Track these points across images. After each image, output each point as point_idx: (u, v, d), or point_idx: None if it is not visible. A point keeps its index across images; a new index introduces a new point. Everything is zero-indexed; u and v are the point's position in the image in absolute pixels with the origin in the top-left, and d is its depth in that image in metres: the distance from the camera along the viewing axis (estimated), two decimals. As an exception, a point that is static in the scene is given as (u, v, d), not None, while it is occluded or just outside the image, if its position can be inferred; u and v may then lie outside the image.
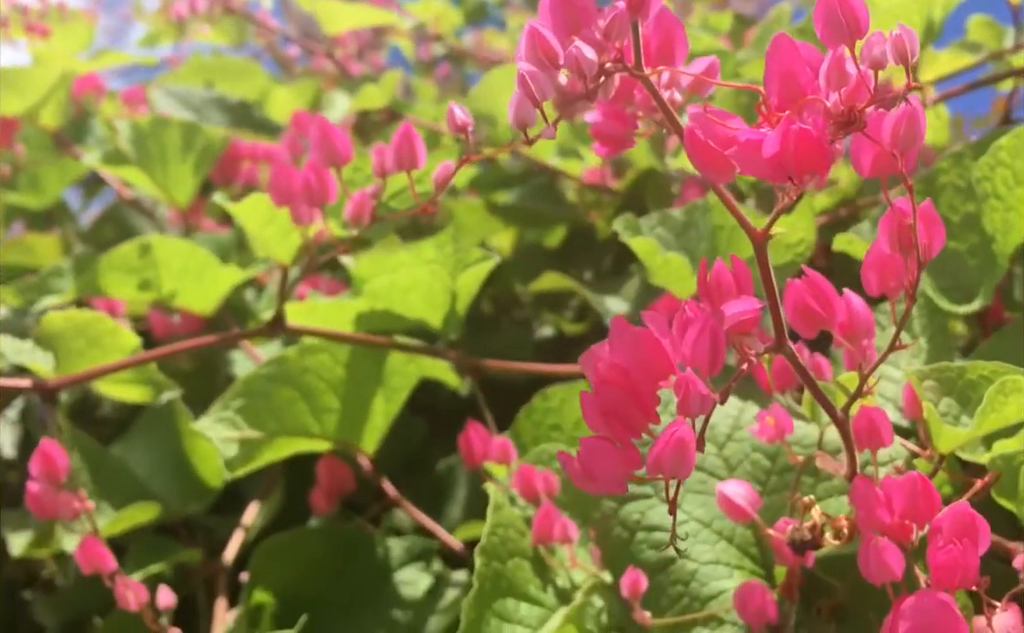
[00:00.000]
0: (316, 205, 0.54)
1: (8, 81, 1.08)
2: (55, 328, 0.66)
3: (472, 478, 1.01)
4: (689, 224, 0.74)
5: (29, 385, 0.65)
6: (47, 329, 0.66)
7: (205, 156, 1.01)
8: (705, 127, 0.38)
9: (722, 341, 0.36)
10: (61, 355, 0.67)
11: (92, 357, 0.66)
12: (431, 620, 0.81)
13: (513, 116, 0.36)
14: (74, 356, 0.67)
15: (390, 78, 1.12)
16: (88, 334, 0.66)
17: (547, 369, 0.77)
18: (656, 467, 0.34)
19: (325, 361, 0.70)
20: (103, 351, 0.66)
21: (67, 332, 0.66)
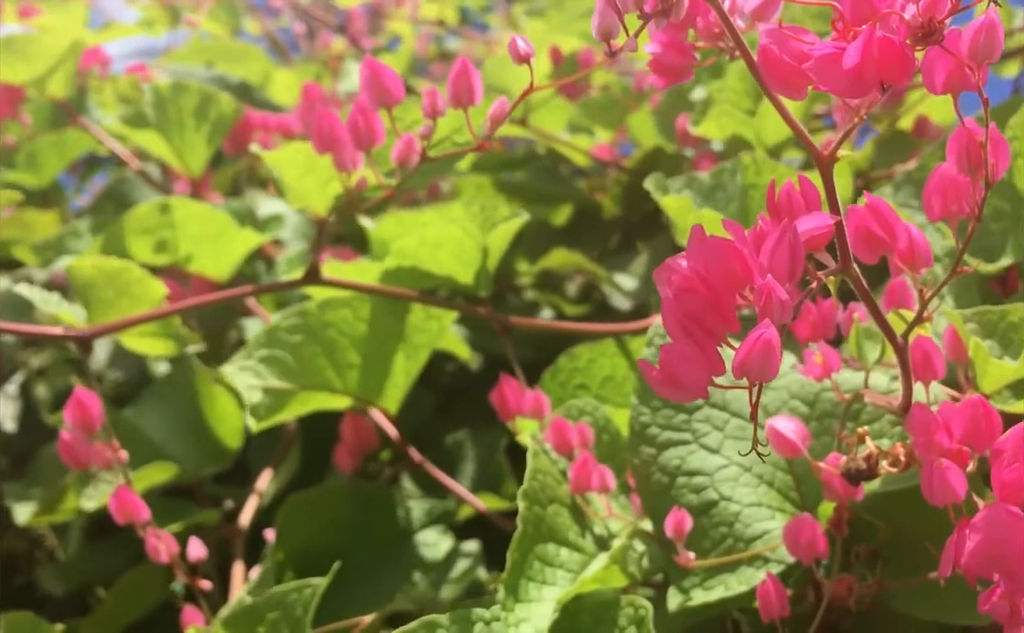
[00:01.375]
0: (364, 148, 0.53)
1: (15, 48, 1.08)
2: (85, 277, 0.65)
3: (480, 453, 1.01)
4: (716, 186, 0.74)
5: (62, 333, 0.65)
6: (77, 278, 0.66)
7: (219, 126, 1.00)
8: (780, 42, 0.39)
9: (800, 250, 0.36)
10: (91, 305, 0.67)
11: (121, 307, 0.66)
12: (444, 588, 0.81)
13: (597, 26, 0.37)
14: (104, 305, 0.66)
15: (405, 48, 1.12)
16: (117, 283, 0.65)
17: (577, 328, 0.77)
18: (742, 370, 0.35)
19: (346, 316, 0.70)
20: (132, 300, 0.66)
21: (97, 281, 0.65)
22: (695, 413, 0.60)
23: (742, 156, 0.68)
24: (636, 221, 1.23)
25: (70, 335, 0.64)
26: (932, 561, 0.52)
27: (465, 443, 1.02)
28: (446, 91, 0.48)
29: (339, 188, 0.61)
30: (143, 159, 1.31)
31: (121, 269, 0.65)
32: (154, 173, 1.26)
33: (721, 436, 0.59)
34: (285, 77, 1.47)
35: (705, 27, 0.44)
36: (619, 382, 0.75)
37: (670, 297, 0.37)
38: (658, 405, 0.60)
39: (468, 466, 1.01)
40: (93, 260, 0.64)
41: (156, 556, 0.63)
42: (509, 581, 0.53)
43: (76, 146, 1.32)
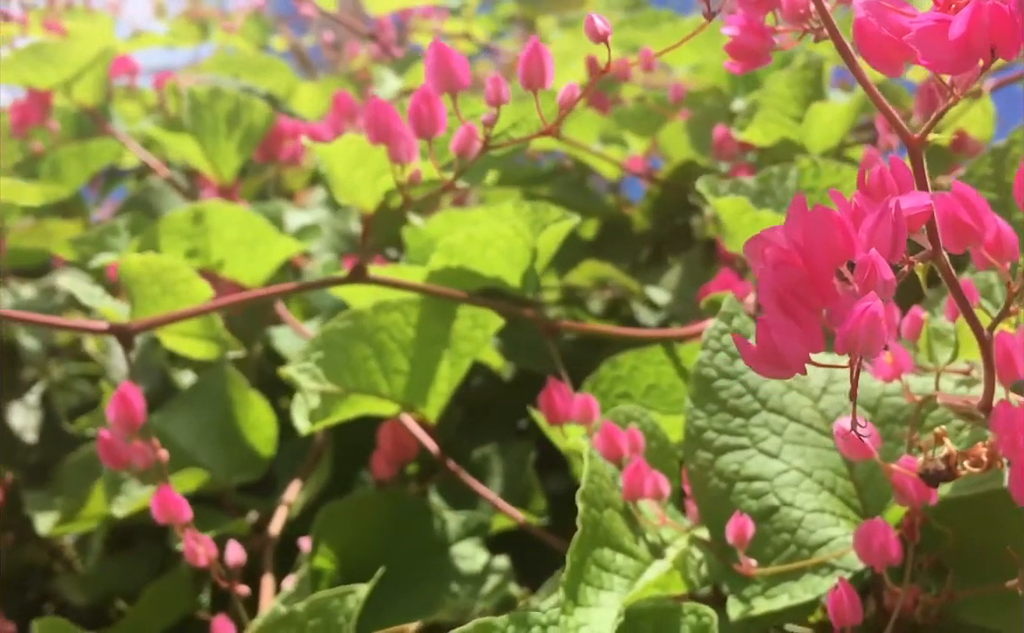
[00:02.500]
0: (425, 135, 0.52)
1: (44, 54, 1.07)
2: (132, 272, 0.64)
3: (507, 467, 0.99)
4: (764, 191, 0.73)
5: (106, 327, 0.63)
6: (125, 273, 0.64)
7: (251, 133, 0.99)
8: (879, 14, 0.37)
9: (903, 226, 0.35)
10: (136, 300, 0.65)
11: (165, 305, 0.64)
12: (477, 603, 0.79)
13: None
14: (148, 302, 0.65)
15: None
16: (163, 281, 0.64)
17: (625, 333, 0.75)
18: (847, 345, 0.33)
19: (397, 320, 0.69)
20: (176, 299, 0.64)
21: (143, 277, 0.64)
22: (752, 417, 0.58)
23: (799, 159, 0.67)
24: (667, 234, 1.22)
25: (113, 329, 0.62)
26: (1003, 569, 0.50)
27: (492, 457, 1.00)
28: (517, 72, 0.47)
29: (390, 182, 0.59)
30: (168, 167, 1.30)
31: (169, 267, 0.63)
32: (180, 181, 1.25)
33: (780, 441, 0.58)
34: (309, 90, 1.47)
35: (790, 7, 0.43)
36: (664, 391, 0.73)
37: (767, 268, 0.35)
38: (714, 409, 0.59)
39: (496, 480, 0.99)
40: (142, 256, 0.63)
41: (194, 559, 0.61)
42: (569, 584, 0.51)
43: (99, 157, 1.31)
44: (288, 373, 0.65)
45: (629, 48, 1.08)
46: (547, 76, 0.47)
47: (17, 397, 1.19)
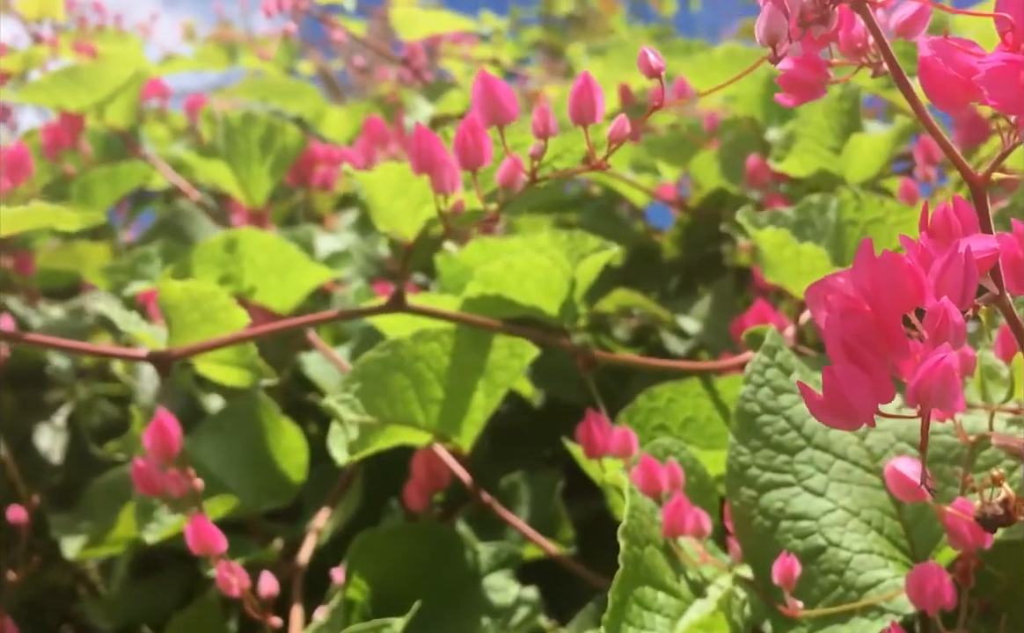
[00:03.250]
0: (471, 167, 0.51)
1: (78, 78, 1.07)
2: (172, 298, 0.64)
3: (535, 496, 0.98)
4: (804, 222, 0.72)
5: (145, 355, 0.63)
6: (165, 300, 0.64)
7: (283, 157, 0.99)
8: (946, 53, 0.37)
9: (975, 271, 0.34)
10: (175, 327, 0.65)
11: (204, 332, 0.64)
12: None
13: (764, 30, 0.35)
14: (187, 329, 0.64)
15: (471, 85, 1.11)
16: (203, 308, 0.64)
17: (664, 365, 0.74)
18: (919, 397, 0.32)
19: (435, 350, 0.68)
20: (215, 326, 0.64)
21: (183, 303, 0.64)
22: (797, 454, 0.57)
23: (840, 190, 0.66)
24: (697, 263, 1.21)
25: (152, 356, 0.62)
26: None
27: (520, 485, 0.99)
28: (567, 107, 0.47)
29: (432, 212, 0.59)
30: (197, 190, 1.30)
31: (209, 294, 0.63)
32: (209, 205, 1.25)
33: (825, 478, 0.57)
34: (338, 115, 1.47)
35: (847, 39, 0.42)
36: (701, 424, 0.72)
37: (834, 316, 0.34)
38: (757, 445, 0.58)
39: (523, 509, 0.98)
40: (183, 283, 0.63)
41: (228, 589, 0.61)
42: (611, 624, 0.50)
43: (129, 179, 1.31)
44: (328, 405, 0.65)
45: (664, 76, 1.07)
46: (598, 110, 0.47)
47: (44, 418, 1.19)
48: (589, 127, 0.47)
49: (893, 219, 0.64)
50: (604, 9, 2.76)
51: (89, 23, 1.55)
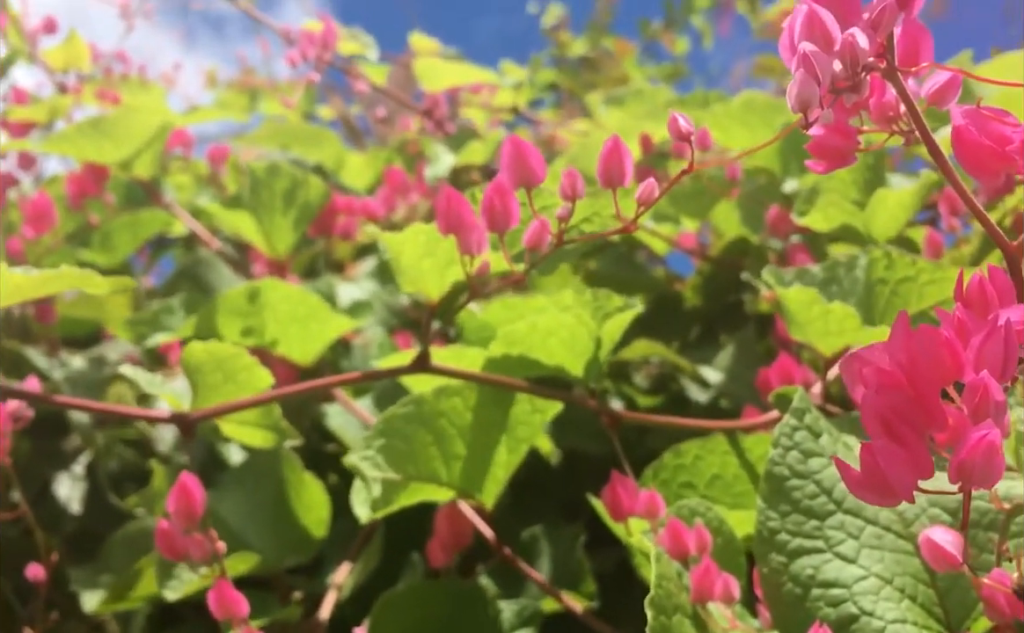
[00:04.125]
0: (498, 230, 0.51)
1: (103, 129, 1.08)
2: (195, 360, 0.64)
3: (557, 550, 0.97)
4: (831, 280, 0.72)
5: (168, 416, 0.63)
6: (188, 361, 0.64)
7: (306, 210, 1.00)
8: (979, 123, 0.36)
9: (1015, 344, 0.33)
10: (199, 388, 0.65)
11: (227, 392, 0.64)
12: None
13: (796, 97, 0.35)
14: (210, 390, 0.64)
15: (494, 135, 1.12)
16: (226, 368, 0.64)
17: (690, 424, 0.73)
18: (962, 474, 0.31)
19: (457, 405, 0.68)
20: (238, 387, 0.64)
21: (206, 364, 0.64)
22: (827, 519, 0.56)
23: (871, 250, 0.66)
24: (718, 311, 1.20)
25: (175, 418, 0.62)
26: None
27: (541, 538, 0.98)
28: (596, 170, 0.46)
29: (459, 273, 0.59)
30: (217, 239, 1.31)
31: (232, 355, 0.63)
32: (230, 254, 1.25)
33: (857, 545, 0.55)
34: (357, 161, 1.48)
35: (878, 107, 0.42)
36: (728, 482, 0.71)
37: (871, 392, 0.34)
38: (787, 510, 0.57)
39: (544, 562, 0.97)
40: (206, 344, 0.63)
41: (249, 652, 0.60)
42: (641, 694, 0.49)
43: (149, 227, 1.32)
44: (352, 462, 0.64)
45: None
46: (627, 174, 0.46)
47: (63, 467, 1.18)
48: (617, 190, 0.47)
49: (925, 278, 0.64)
50: (617, 50, 2.78)
51: (114, 73, 1.57)
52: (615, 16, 2.98)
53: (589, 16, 2.97)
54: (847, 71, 0.36)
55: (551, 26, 2.87)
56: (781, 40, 0.37)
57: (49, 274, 0.54)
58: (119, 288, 0.58)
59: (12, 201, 1.22)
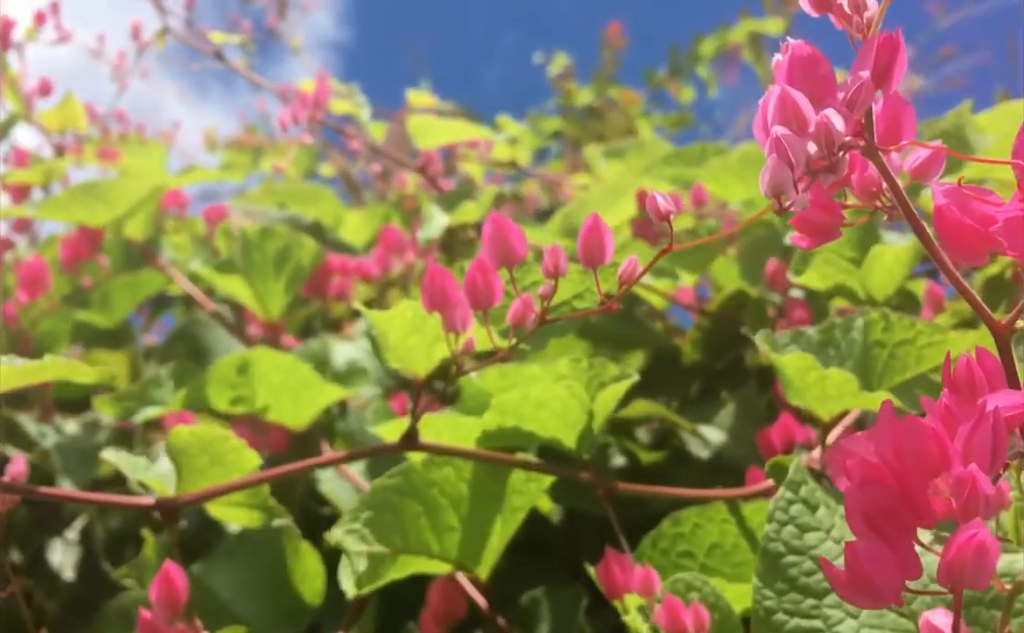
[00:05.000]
0: (481, 308, 0.50)
1: (96, 193, 1.08)
2: (181, 443, 0.63)
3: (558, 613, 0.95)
4: (827, 343, 0.70)
5: (152, 502, 0.62)
6: (173, 444, 0.63)
7: (299, 272, 0.99)
8: (960, 202, 0.35)
9: (1004, 435, 0.32)
10: (184, 472, 0.64)
11: (214, 475, 0.63)
12: None
13: (768, 182, 0.34)
14: (196, 474, 0.63)
15: (488, 193, 1.11)
16: (212, 451, 0.62)
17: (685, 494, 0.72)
18: (951, 576, 0.30)
19: (449, 475, 0.66)
20: (225, 469, 0.63)
21: (192, 447, 0.63)
22: (825, 597, 0.54)
23: (868, 312, 0.64)
24: (718, 368, 1.19)
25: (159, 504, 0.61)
26: None
27: (541, 602, 0.96)
28: (576, 248, 0.45)
29: (445, 350, 0.58)
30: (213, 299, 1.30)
31: (219, 438, 0.62)
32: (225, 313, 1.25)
33: (856, 624, 0.54)
34: (355, 218, 1.48)
35: (861, 183, 0.41)
36: (728, 550, 0.69)
37: (854, 488, 0.32)
38: (783, 588, 0.55)
39: (544, 627, 0.95)
40: (192, 428, 0.62)
41: None
42: None
43: (147, 287, 1.32)
44: (335, 537, 0.63)
45: (680, 183, 1.07)
46: (607, 252, 0.46)
47: (57, 533, 1.17)
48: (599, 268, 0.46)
49: (923, 341, 0.62)
50: (623, 99, 2.79)
51: (112, 132, 1.57)
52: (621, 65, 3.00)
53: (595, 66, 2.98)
54: (823, 152, 0.36)
55: (557, 76, 2.89)
56: (755, 120, 0.36)
57: (32, 365, 0.53)
58: (105, 377, 0.57)
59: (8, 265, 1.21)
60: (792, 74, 0.37)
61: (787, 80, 0.36)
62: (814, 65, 0.37)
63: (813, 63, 0.37)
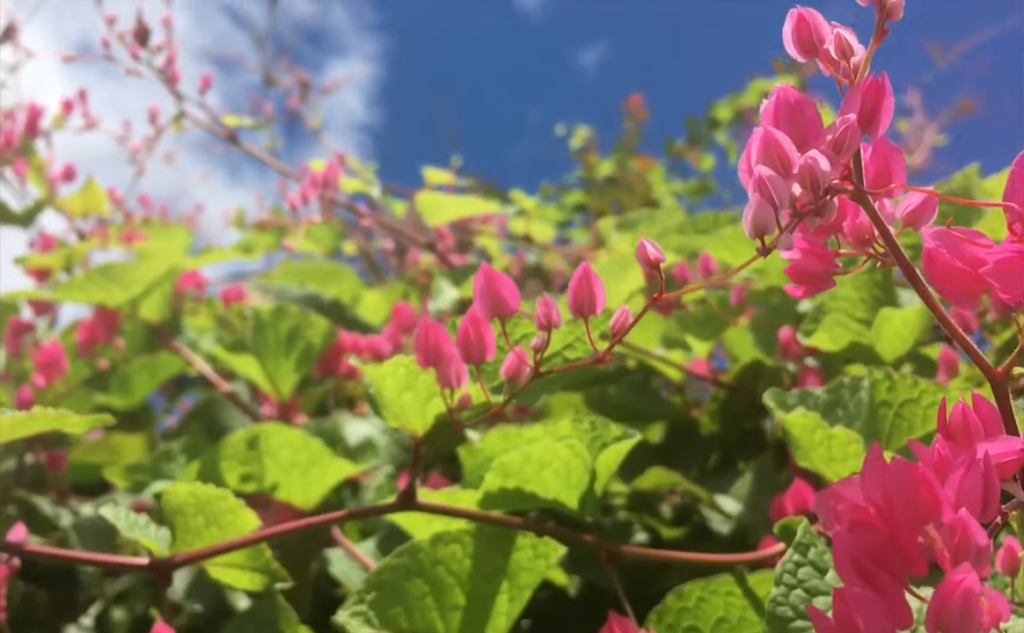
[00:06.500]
0: (473, 361, 0.50)
1: (112, 276, 1.09)
2: (176, 502, 0.62)
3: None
4: (835, 403, 0.69)
5: (146, 563, 0.61)
6: (169, 503, 0.63)
7: (309, 352, 0.99)
8: (952, 245, 0.35)
9: (995, 481, 0.31)
10: (179, 532, 0.63)
11: (210, 536, 0.62)
12: None
13: (751, 222, 0.33)
14: (191, 534, 0.62)
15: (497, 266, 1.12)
16: (208, 511, 0.62)
17: (688, 558, 0.70)
18: (938, 624, 0.29)
19: (456, 553, 0.65)
20: (222, 530, 0.62)
21: (188, 507, 0.62)
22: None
23: (873, 372, 0.63)
24: (736, 438, 1.17)
25: (153, 564, 0.60)
26: None
27: (557, 676, 0.94)
28: (566, 299, 0.45)
29: (440, 406, 0.57)
30: (231, 379, 1.31)
31: (215, 497, 0.61)
32: (243, 393, 1.25)
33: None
34: (374, 297, 1.48)
35: (853, 229, 0.40)
36: (733, 625, 0.67)
37: (843, 532, 0.31)
38: (793, 655, 0.53)
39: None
40: (188, 486, 0.61)
41: None
42: None
43: (168, 367, 1.33)
44: (341, 619, 0.62)
45: (688, 252, 1.07)
46: (597, 302, 0.45)
47: (72, 620, 1.16)
48: (590, 319, 0.46)
49: (927, 400, 0.61)
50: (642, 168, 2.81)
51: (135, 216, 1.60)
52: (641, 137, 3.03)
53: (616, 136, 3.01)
54: (809, 194, 0.35)
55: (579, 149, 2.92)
56: (740, 163, 0.36)
57: (21, 417, 0.53)
58: (97, 424, 0.57)
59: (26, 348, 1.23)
60: (777, 117, 0.37)
61: (772, 123, 0.36)
62: (799, 109, 0.37)
63: (798, 107, 0.37)
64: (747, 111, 2.98)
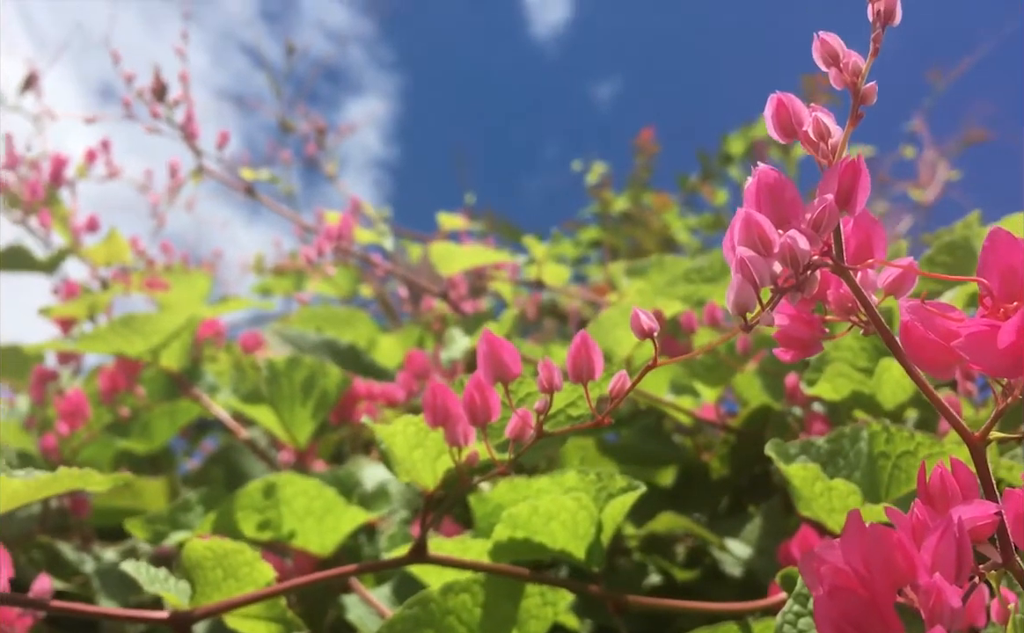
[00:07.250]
0: (479, 424, 0.52)
1: (134, 326, 1.12)
2: (196, 556, 0.64)
3: None
4: (836, 452, 0.71)
5: (167, 616, 0.63)
6: (189, 557, 0.65)
7: (324, 400, 1.02)
8: (925, 319, 0.37)
9: (968, 546, 0.33)
10: (198, 585, 0.65)
11: (228, 589, 0.64)
12: None
13: (733, 300, 0.35)
14: (210, 587, 0.64)
15: (508, 316, 1.14)
16: (226, 564, 0.64)
17: (694, 607, 0.72)
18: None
19: (466, 602, 0.67)
20: (239, 583, 0.64)
21: (206, 561, 0.64)
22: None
23: (870, 424, 0.65)
24: (745, 483, 1.19)
25: (172, 618, 0.62)
26: None
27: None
28: (566, 364, 0.47)
29: (449, 462, 0.59)
30: (249, 425, 1.33)
31: (232, 551, 0.63)
32: (261, 439, 1.27)
33: None
34: (389, 341, 1.51)
35: (836, 300, 0.42)
36: (740, 672, 0.69)
37: (823, 595, 0.33)
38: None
39: None
40: (206, 541, 0.63)
41: None
42: None
43: (187, 414, 1.35)
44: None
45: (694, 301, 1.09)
46: (596, 369, 0.47)
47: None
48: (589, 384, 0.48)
49: (923, 452, 0.63)
50: (657, 205, 2.83)
51: (156, 264, 1.63)
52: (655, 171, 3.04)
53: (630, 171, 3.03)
54: (790, 271, 0.37)
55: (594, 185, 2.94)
56: (724, 241, 0.38)
57: (46, 478, 0.56)
58: (118, 483, 0.59)
59: (50, 395, 1.25)
60: (759, 198, 0.39)
61: (755, 204, 0.38)
62: (780, 189, 0.39)
63: (779, 188, 0.39)
64: (759, 144, 2.99)
